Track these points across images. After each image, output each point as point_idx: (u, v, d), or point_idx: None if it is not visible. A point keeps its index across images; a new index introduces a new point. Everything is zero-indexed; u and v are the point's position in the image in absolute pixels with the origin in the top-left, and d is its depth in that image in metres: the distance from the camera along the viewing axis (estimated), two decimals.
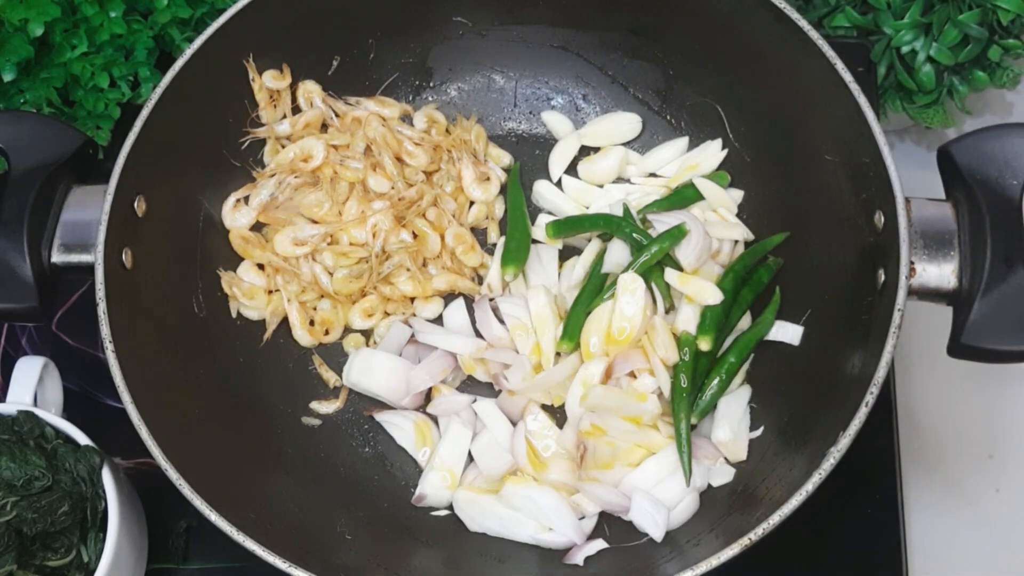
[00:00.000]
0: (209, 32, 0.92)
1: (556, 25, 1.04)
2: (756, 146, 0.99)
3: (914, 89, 1.11)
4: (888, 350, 0.77)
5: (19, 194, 0.85)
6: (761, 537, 0.74)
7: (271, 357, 0.98)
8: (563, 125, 1.06)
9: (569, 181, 1.03)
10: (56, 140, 0.89)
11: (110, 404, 1.02)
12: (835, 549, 0.96)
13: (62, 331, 1.07)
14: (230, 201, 0.99)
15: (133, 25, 1.09)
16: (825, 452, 0.76)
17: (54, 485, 0.83)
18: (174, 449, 0.79)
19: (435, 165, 1.02)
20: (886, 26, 1.10)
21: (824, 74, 0.86)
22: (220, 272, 0.97)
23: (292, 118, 1.02)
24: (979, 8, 1.06)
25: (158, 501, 0.92)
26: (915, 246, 0.80)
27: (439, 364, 0.94)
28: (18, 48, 1.02)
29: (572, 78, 1.07)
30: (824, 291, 0.91)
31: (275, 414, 0.95)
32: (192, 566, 0.95)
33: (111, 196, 0.85)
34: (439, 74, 1.08)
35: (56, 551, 0.82)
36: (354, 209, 0.99)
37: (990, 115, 1.24)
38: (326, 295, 0.98)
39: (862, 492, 0.97)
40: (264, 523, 0.81)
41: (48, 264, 0.86)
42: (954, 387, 1.07)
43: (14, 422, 0.86)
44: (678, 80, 1.02)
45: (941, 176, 0.85)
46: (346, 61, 1.04)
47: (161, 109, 0.89)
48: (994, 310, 0.78)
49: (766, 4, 0.89)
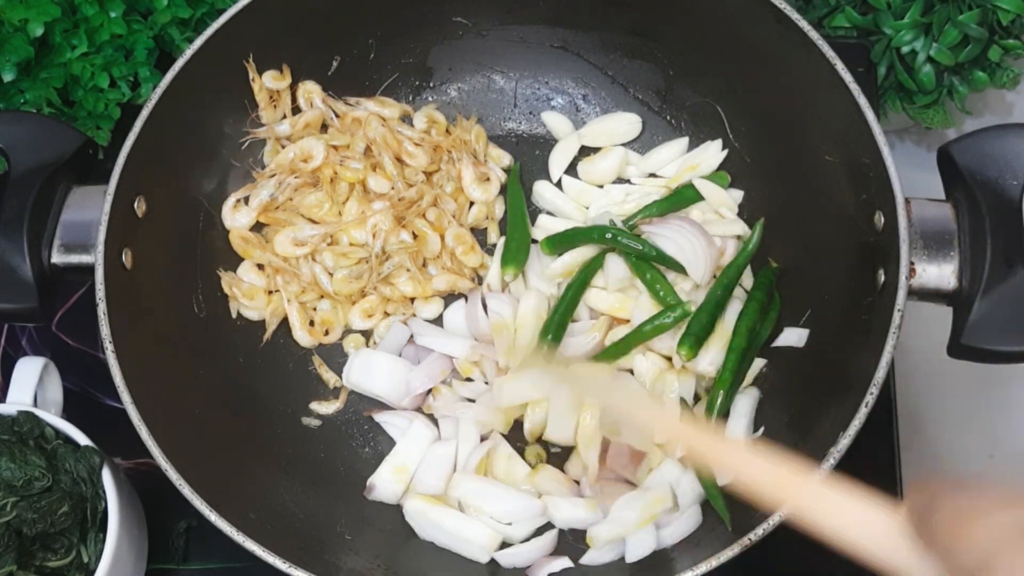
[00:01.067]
0: (209, 32, 0.92)
1: (556, 25, 1.04)
2: (756, 146, 0.99)
3: (914, 89, 1.12)
4: (888, 350, 0.77)
5: (19, 194, 0.85)
6: (761, 537, 0.74)
7: (271, 357, 0.98)
8: (563, 125, 1.06)
9: (569, 182, 1.03)
10: (56, 140, 0.89)
11: (110, 404, 1.02)
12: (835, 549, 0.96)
13: (62, 331, 1.07)
14: (230, 201, 0.99)
15: (133, 25, 1.09)
16: (825, 452, 0.76)
17: (54, 485, 0.83)
18: (174, 449, 0.79)
19: (435, 165, 1.02)
20: (886, 26, 1.10)
21: (824, 74, 0.86)
22: (220, 272, 0.97)
23: (292, 118, 1.02)
24: (979, 8, 1.06)
25: (158, 501, 0.92)
26: (915, 246, 0.80)
27: (438, 365, 0.94)
28: (18, 48, 1.02)
29: (572, 78, 1.07)
30: (824, 291, 0.91)
31: (275, 414, 0.95)
32: (192, 566, 0.95)
33: (111, 196, 0.85)
34: (439, 74, 1.08)
35: (56, 551, 0.82)
36: (354, 209, 0.99)
37: (990, 115, 1.24)
38: (326, 295, 0.98)
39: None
40: (264, 523, 0.81)
41: (48, 264, 0.86)
42: (954, 387, 1.08)
43: (14, 422, 0.86)
44: (678, 80, 1.02)
45: (941, 176, 0.85)
46: (346, 61, 1.04)
47: (161, 109, 0.89)
48: (994, 310, 0.78)
49: (766, 4, 0.89)
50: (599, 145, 1.04)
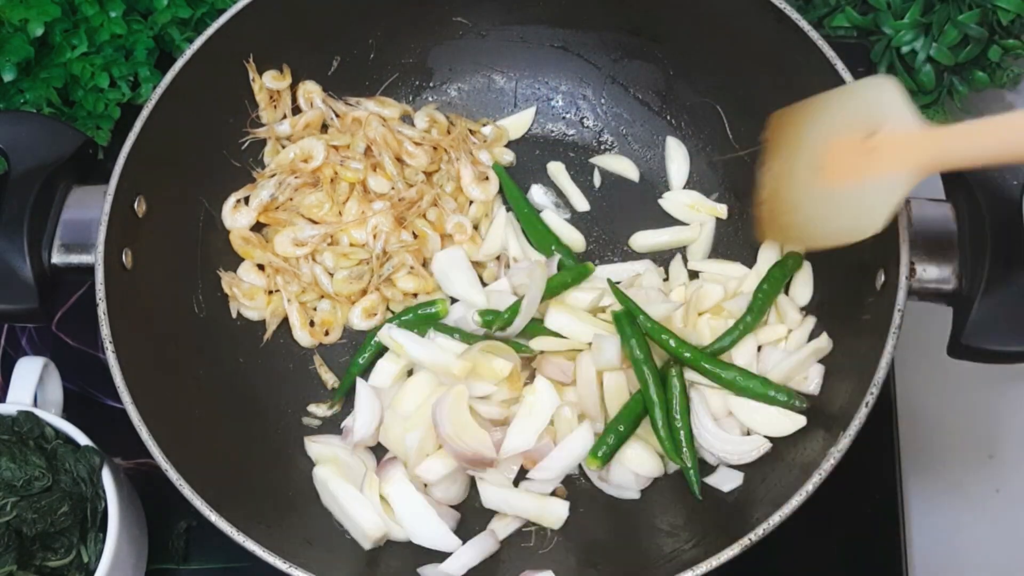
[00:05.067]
0: (209, 32, 0.92)
1: (556, 25, 1.04)
2: (756, 146, 0.99)
3: (914, 89, 1.11)
4: (888, 350, 0.77)
5: (19, 194, 0.85)
6: (761, 537, 0.74)
7: (271, 357, 0.98)
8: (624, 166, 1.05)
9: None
10: (56, 140, 0.89)
11: (110, 404, 1.01)
12: (835, 549, 0.96)
13: (62, 331, 1.07)
14: (230, 201, 0.99)
15: (133, 25, 1.09)
16: (825, 452, 0.76)
17: (54, 485, 0.83)
18: (174, 449, 0.79)
19: (435, 165, 1.02)
20: (886, 26, 1.10)
21: (824, 74, 0.86)
22: (220, 272, 0.97)
23: (292, 118, 1.02)
24: (979, 8, 1.06)
25: (158, 501, 0.92)
26: (915, 246, 0.80)
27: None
28: (18, 48, 1.02)
29: (572, 78, 1.07)
30: (824, 292, 0.91)
31: (275, 414, 0.95)
32: (192, 566, 0.95)
33: (111, 196, 0.85)
34: (439, 74, 1.08)
35: (56, 551, 0.82)
36: (354, 209, 0.99)
37: (990, 115, 1.24)
38: (326, 296, 0.98)
39: (862, 492, 0.97)
40: (264, 523, 0.81)
41: (48, 264, 0.86)
42: (954, 387, 1.07)
43: (14, 422, 0.86)
44: (678, 80, 1.02)
45: (941, 176, 0.85)
46: (346, 61, 1.04)
47: (161, 109, 0.89)
48: (994, 310, 0.78)
49: (766, 4, 0.89)
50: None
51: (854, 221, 0.78)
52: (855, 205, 0.78)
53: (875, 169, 0.76)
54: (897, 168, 0.74)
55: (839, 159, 0.79)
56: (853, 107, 0.80)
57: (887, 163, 0.75)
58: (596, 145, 1.06)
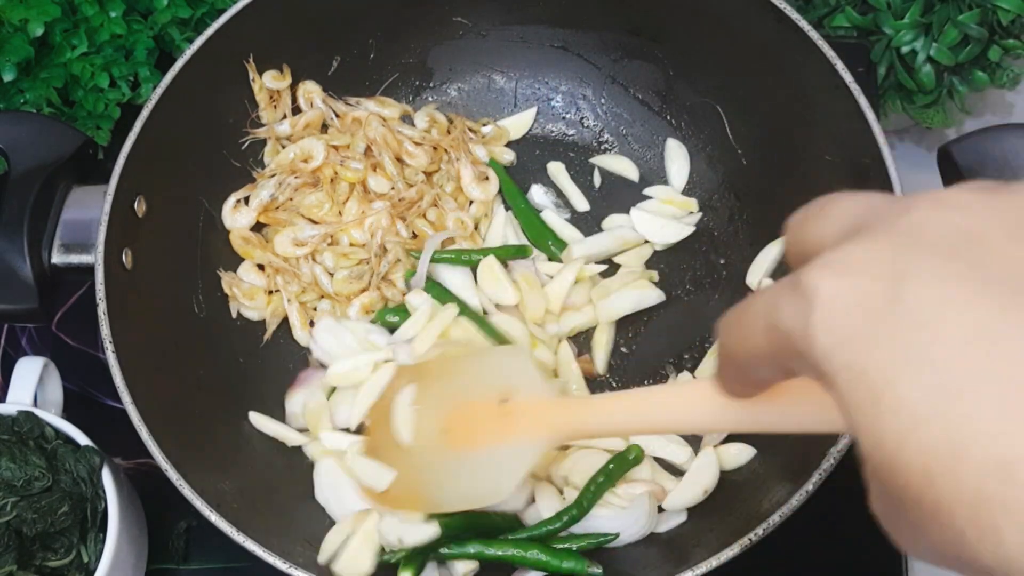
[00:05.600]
0: (209, 32, 0.92)
1: (556, 25, 1.04)
2: (756, 146, 0.99)
3: (914, 89, 1.12)
4: None
5: (19, 194, 0.85)
6: (761, 537, 0.74)
7: (271, 357, 0.98)
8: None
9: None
10: (56, 140, 0.89)
11: (110, 404, 1.02)
12: (835, 549, 0.96)
13: (62, 331, 1.07)
14: (230, 201, 0.99)
15: (133, 25, 1.09)
16: (825, 452, 0.76)
17: (54, 485, 0.83)
18: (174, 449, 0.79)
19: (435, 165, 1.02)
20: (886, 26, 1.10)
21: (824, 74, 0.86)
22: (220, 272, 0.97)
23: (292, 118, 1.02)
24: (979, 8, 1.06)
25: (158, 501, 0.92)
26: None
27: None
28: (18, 48, 1.02)
29: (572, 78, 1.07)
30: None
31: (275, 414, 0.95)
32: (192, 566, 0.95)
33: (111, 196, 0.85)
34: (439, 74, 1.08)
35: (56, 551, 0.82)
36: (354, 209, 0.99)
37: (990, 115, 1.24)
38: (326, 296, 0.98)
39: (862, 492, 0.97)
40: (264, 523, 0.81)
41: (48, 265, 0.86)
42: None
43: (14, 422, 0.86)
44: (678, 80, 1.02)
45: (941, 176, 0.85)
46: (346, 61, 1.04)
47: (161, 109, 0.89)
48: None
49: (766, 4, 0.89)
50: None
51: (486, 484, 0.76)
52: (489, 469, 0.76)
53: (509, 434, 0.75)
54: (530, 435, 0.74)
55: (473, 422, 0.77)
56: (490, 372, 0.80)
57: (520, 429, 0.74)
58: (596, 145, 1.06)
